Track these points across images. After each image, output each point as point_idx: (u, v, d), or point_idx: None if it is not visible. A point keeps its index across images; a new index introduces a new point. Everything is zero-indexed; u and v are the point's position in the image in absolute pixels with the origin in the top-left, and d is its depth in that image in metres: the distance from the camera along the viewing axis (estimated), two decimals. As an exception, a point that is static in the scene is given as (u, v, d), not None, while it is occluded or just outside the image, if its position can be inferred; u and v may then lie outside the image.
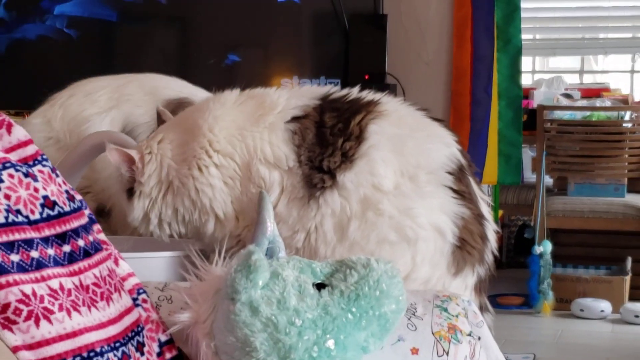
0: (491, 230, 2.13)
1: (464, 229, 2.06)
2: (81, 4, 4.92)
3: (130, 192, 2.11)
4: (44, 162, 1.48)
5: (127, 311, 1.48)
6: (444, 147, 2.10)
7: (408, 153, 2.05)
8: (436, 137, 2.13)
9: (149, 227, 2.12)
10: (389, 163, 2.03)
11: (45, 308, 1.32)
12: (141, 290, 1.56)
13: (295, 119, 2.07)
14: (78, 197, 1.51)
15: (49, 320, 1.31)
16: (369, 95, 2.14)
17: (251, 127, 2.08)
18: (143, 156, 2.10)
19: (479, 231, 2.10)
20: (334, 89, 2.16)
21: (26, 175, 1.42)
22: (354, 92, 2.15)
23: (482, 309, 2.10)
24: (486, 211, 2.14)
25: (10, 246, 1.33)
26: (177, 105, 2.71)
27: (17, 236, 1.35)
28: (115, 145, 2.10)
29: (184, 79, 2.33)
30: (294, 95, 2.12)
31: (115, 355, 1.39)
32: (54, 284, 1.35)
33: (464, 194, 2.08)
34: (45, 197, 1.43)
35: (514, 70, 4.86)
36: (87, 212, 1.52)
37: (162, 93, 2.76)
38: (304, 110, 2.08)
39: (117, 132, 2.27)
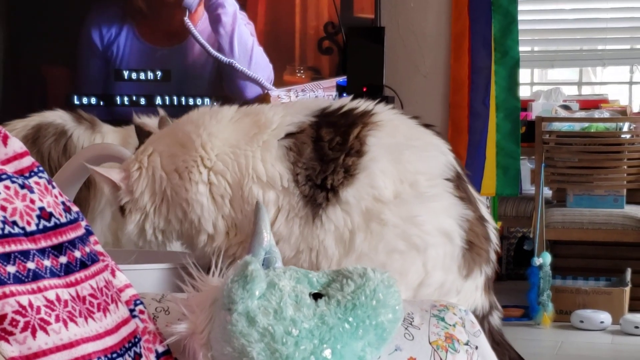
0: (492, 230, 2.14)
1: (470, 231, 2.06)
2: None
3: (123, 209, 2.11)
4: (40, 174, 1.48)
5: (124, 322, 1.48)
6: (440, 155, 2.11)
7: (406, 161, 2.04)
8: (433, 145, 2.14)
9: (146, 239, 2.12)
10: (388, 173, 2.03)
11: (41, 319, 1.32)
12: (138, 302, 1.57)
13: (289, 135, 2.05)
14: (75, 208, 1.51)
15: (46, 331, 1.31)
16: (362, 105, 2.12)
17: (245, 145, 2.05)
18: (128, 175, 2.09)
19: (483, 232, 2.10)
20: (328, 102, 2.13)
21: (22, 186, 1.43)
22: (347, 102, 2.12)
23: (492, 307, 2.13)
24: (485, 213, 2.14)
25: (6, 257, 1.33)
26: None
27: (13, 247, 1.35)
28: (111, 156, 2.10)
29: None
30: (289, 112, 2.09)
31: (112, 366, 1.39)
32: (51, 295, 1.35)
33: (463, 199, 2.09)
34: (42, 209, 1.43)
35: (512, 82, 4.86)
36: (83, 223, 1.52)
37: None
38: (299, 126, 2.05)
39: (113, 144, 2.26)
